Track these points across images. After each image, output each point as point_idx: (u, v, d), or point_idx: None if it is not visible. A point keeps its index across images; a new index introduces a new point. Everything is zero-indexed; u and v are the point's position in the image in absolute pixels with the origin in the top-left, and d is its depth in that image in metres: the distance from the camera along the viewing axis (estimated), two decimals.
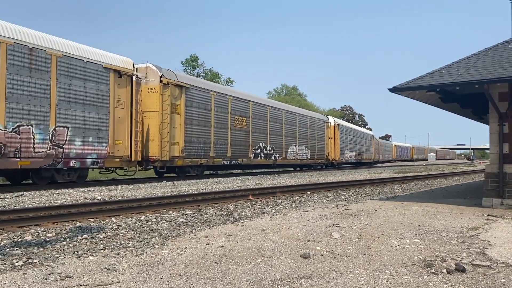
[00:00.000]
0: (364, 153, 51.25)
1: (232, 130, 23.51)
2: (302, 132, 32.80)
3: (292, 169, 34.98)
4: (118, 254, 4.94)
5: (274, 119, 28.53)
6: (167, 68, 19.51)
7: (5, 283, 3.76)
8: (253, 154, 25.67)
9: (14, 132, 12.64)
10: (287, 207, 9.61)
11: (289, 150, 30.49)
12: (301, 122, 32.89)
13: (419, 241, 5.48)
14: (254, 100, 26.44)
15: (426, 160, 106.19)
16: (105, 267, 4.28)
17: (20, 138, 12.80)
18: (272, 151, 28.02)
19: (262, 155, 26.69)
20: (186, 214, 8.46)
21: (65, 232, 6.50)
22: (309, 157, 33.85)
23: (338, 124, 40.58)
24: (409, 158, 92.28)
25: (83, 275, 4.02)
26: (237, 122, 24.03)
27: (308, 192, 13.25)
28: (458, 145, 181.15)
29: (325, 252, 4.89)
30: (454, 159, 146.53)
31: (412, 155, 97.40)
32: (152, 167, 18.87)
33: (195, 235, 6.02)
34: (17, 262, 4.59)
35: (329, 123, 38.76)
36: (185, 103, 19.68)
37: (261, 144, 26.60)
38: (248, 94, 26.78)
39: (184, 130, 19.47)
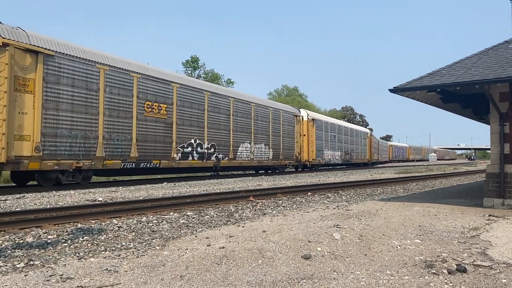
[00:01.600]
0: (355, 153, 45.59)
1: (141, 121, 17.17)
2: (260, 127, 26.53)
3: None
4: (119, 255, 4.94)
5: (216, 108, 22.14)
6: (17, 26, 13.41)
7: (6, 285, 3.77)
8: (180, 154, 19.26)
9: None
10: (288, 208, 9.61)
11: (239, 149, 24.04)
12: (260, 114, 26.52)
13: (420, 241, 5.47)
14: (180, 82, 19.81)
15: (423, 160, 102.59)
16: (106, 269, 4.28)
17: None
18: (213, 150, 21.65)
19: (195, 155, 20.36)
20: (187, 215, 8.46)
21: (66, 233, 6.51)
22: (270, 157, 27.57)
23: (313, 119, 34.18)
24: (405, 159, 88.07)
25: (84, 277, 4.02)
26: (151, 110, 17.70)
27: (309, 193, 13.24)
28: (459, 145, 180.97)
29: (326, 253, 4.88)
30: (454, 159, 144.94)
31: (409, 155, 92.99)
32: None
33: (196, 236, 6.02)
34: (19, 263, 4.59)
35: (301, 117, 32.27)
36: (45, 78, 13.63)
37: (193, 141, 20.27)
38: (170, 73, 20.20)
39: (41, 117, 13.49)
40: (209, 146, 21.55)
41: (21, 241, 5.95)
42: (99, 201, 10.76)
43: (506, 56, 9.38)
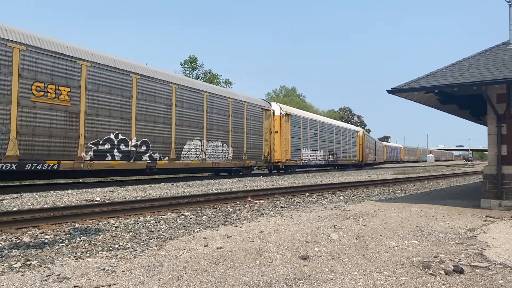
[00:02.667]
0: (342, 153, 41.21)
1: (26, 108, 13.00)
2: (216, 121, 22.02)
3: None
4: (117, 255, 4.94)
5: (150, 96, 17.64)
6: None
7: (3, 285, 3.76)
8: (92, 153, 15.09)
9: None
10: (285, 209, 9.61)
11: (186, 147, 19.66)
12: (216, 105, 22.00)
13: (417, 242, 5.48)
14: (94, 60, 15.34)
15: (418, 161, 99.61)
16: (104, 269, 4.27)
17: None
18: (144, 148, 17.22)
19: (116, 154, 16.07)
20: (185, 215, 8.45)
21: (63, 233, 6.50)
22: (230, 157, 22.96)
23: (287, 114, 29.46)
24: (399, 160, 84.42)
25: (82, 277, 4.01)
26: (44, 94, 13.44)
27: (307, 194, 13.25)
28: (456, 146, 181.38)
29: (323, 254, 4.89)
30: (451, 160, 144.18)
31: (403, 156, 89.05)
32: None
33: (193, 236, 6.02)
34: (15, 263, 4.58)
35: (271, 112, 27.67)
36: None
37: (113, 136, 15.94)
38: (78, 48, 15.18)
39: None
40: (138, 143, 16.93)
41: (18, 241, 5.94)
42: (96, 201, 10.74)
43: (504, 57, 9.41)
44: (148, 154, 17.53)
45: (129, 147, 16.57)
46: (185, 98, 19.91)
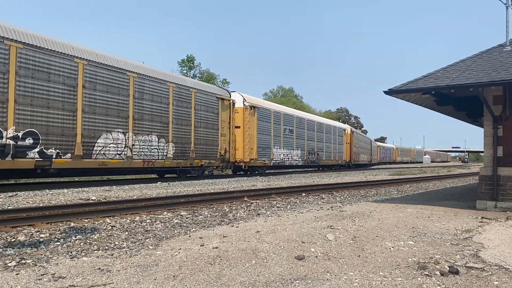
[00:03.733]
0: (326, 153, 37.35)
1: None
2: (150, 110, 17.60)
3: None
4: (112, 255, 4.92)
5: (39, 72, 13.47)
6: None
7: None
8: None
9: None
10: (282, 209, 9.61)
11: (100, 141, 15.47)
12: (149, 90, 17.60)
13: (413, 243, 5.49)
14: None
15: (412, 162, 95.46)
16: (99, 268, 4.26)
17: None
18: (31, 141, 13.18)
19: None
20: (181, 215, 8.44)
21: (59, 232, 6.47)
22: (171, 154, 18.75)
23: (253, 106, 25.43)
24: (391, 161, 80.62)
25: (77, 276, 4.00)
26: None
27: (303, 194, 13.26)
28: (453, 147, 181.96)
29: (319, 254, 4.89)
30: (447, 161, 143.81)
31: (395, 157, 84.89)
32: None
33: (189, 236, 6.01)
34: (10, 262, 4.55)
35: (231, 102, 23.30)
36: None
37: None
38: None
39: None
40: (20, 134, 12.79)
41: (13, 240, 5.91)
42: (92, 200, 10.71)
43: (500, 59, 9.45)
44: (37, 150, 13.27)
45: (3, 139, 12.35)
46: (99, 79, 15.43)
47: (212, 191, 13.60)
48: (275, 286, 3.79)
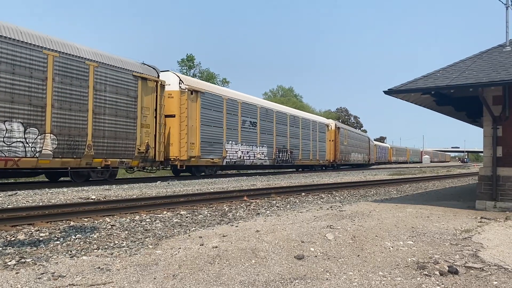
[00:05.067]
0: (302, 151, 32.48)
1: None
2: (10, 88, 12.61)
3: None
4: (112, 254, 4.92)
5: None
6: None
7: None
8: None
9: None
10: (281, 208, 9.62)
11: None
12: (5, 59, 12.50)
13: (412, 243, 5.50)
14: None
15: (407, 162, 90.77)
16: (99, 267, 4.26)
17: None
18: None
19: None
20: (181, 214, 8.44)
21: (58, 231, 6.47)
22: (49, 150, 13.65)
23: (195, 91, 20.46)
24: (386, 161, 75.28)
25: (76, 275, 4.00)
26: None
27: (303, 194, 13.27)
28: (452, 147, 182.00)
29: (319, 253, 4.90)
30: (446, 161, 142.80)
31: (390, 157, 79.62)
32: None
33: (189, 235, 6.01)
34: (10, 261, 4.56)
35: (157, 83, 18.25)
36: None
37: None
38: None
39: None
40: None
41: (13, 239, 5.91)
42: (92, 199, 10.71)
43: (500, 59, 9.46)
44: None
45: None
46: None
47: (212, 190, 13.60)
48: (275, 285, 3.80)
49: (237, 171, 30.23)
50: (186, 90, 20.02)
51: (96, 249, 5.29)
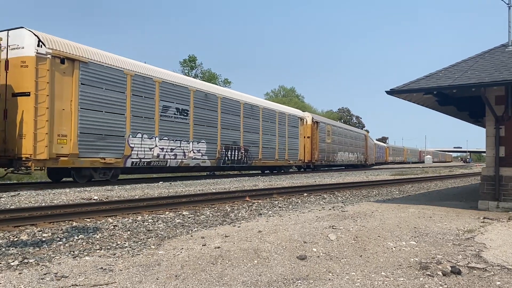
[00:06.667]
0: (263, 149, 26.25)
1: None
2: None
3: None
4: (115, 254, 4.93)
5: None
6: None
7: (0, 283, 3.75)
8: None
9: None
10: (283, 209, 9.62)
11: None
12: None
13: (415, 243, 5.49)
14: None
15: (404, 163, 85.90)
16: (101, 267, 4.27)
17: None
18: None
19: None
20: (183, 214, 8.45)
21: (61, 232, 6.49)
22: None
23: (66, 59, 14.32)
24: (382, 161, 70.49)
25: (79, 275, 4.01)
26: None
27: (305, 194, 13.26)
28: (454, 147, 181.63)
29: (321, 254, 4.89)
30: (449, 161, 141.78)
31: (387, 157, 74.11)
32: None
33: (191, 236, 6.02)
34: (13, 261, 4.57)
35: None
36: None
37: None
38: None
39: None
40: None
41: (16, 239, 5.92)
42: (94, 199, 10.73)
43: (503, 59, 9.43)
44: None
45: None
46: None
47: (214, 191, 13.61)
48: (277, 286, 3.80)
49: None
50: (50, 56, 13.70)
51: (98, 249, 5.29)
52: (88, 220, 7.68)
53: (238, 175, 25.83)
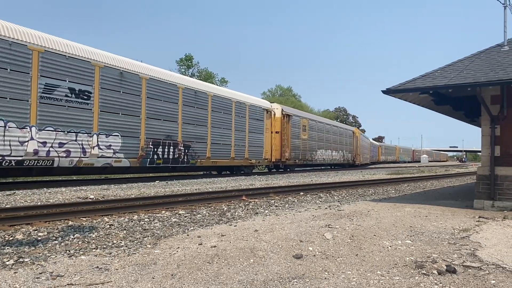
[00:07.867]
0: (216, 145, 21.32)
1: None
2: None
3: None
4: (110, 253, 4.92)
5: None
6: None
7: None
8: None
9: None
10: (280, 208, 9.62)
11: None
12: None
13: (410, 242, 5.51)
14: None
15: (396, 162, 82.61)
16: (97, 267, 4.26)
17: None
18: None
19: None
20: (179, 214, 8.44)
21: (57, 231, 6.47)
22: None
23: None
24: (376, 160, 66.01)
25: (75, 274, 4.00)
26: None
27: (302, 193, 13.27)
28: (450, 147, 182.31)
29: (317, 253, 4.90)
30: (444, 161, 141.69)
31: (379, 156, 69.75)
32: None
33: (187, 235, 6.01)
34: (8, 261, 4.55)
35: None
36: None
37: None
38: None
39: None
40: None
41: (11, 238, 5.90)
42: (90, 198, 10.70)
43: (498, 59, 9.48)
44: None
45: None
46: None
47: (210, 190, 13.60)
48: (273, 285, 3.80)
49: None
50: None
51: (94, 248, 5.28)
52: (84, 219, 7.66)
53: (233, 175, 25.42)
